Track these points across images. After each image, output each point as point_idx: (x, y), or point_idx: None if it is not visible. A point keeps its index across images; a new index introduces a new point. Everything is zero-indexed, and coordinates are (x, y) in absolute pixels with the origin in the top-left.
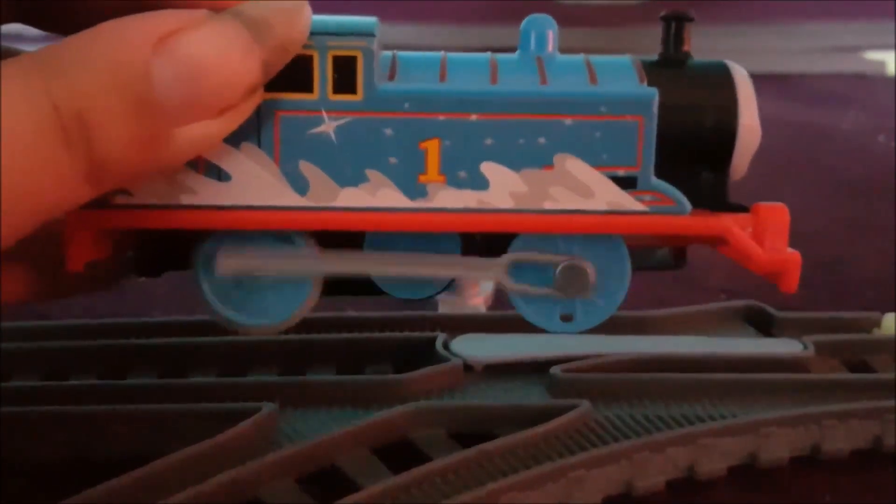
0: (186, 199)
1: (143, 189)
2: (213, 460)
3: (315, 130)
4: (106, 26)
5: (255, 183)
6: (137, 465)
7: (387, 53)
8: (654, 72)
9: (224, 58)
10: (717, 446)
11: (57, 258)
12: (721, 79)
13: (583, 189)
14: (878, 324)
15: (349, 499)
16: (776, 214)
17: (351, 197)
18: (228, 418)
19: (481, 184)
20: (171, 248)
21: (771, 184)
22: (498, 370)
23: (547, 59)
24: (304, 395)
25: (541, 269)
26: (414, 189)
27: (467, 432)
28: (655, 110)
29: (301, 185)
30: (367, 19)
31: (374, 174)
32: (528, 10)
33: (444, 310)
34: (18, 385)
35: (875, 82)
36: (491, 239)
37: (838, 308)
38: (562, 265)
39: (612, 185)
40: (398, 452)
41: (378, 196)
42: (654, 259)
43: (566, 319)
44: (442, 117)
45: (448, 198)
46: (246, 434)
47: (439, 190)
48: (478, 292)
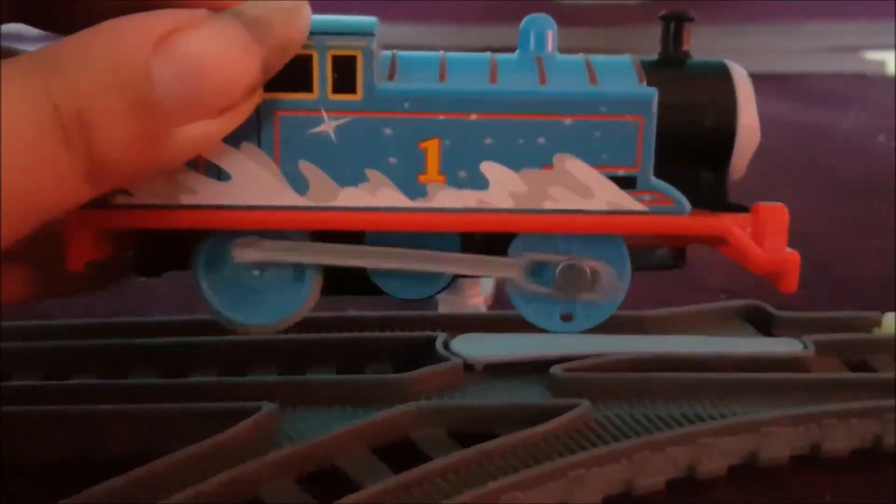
0: (186, 199)
1: (143, 189)
2: (213, 460)
3: (315, 130)
4: (106, 26)
5: (254, 183)
6: (137, 465)
7: (386, 53)
8: (653, 72)
9: (224, 57)
10: (718, 446)
11: (57, 258)
12: (720, 79)
13: (582, 189)
14: (878, 323)
15: (349, 498)
16: (775, 214)
17: (351, 197)
18: (228, 418)
19: (481, 184)
20: (171, 248)
21: (771, 184)
22: (498, 370)
23: (546, 59)
24: (304, 395)
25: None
26: (414, 189)
27: (467, 432)
28: (655, 110)
29: (301, 185)
30: (367, 19)
31: (373, 174)
32: (528, 10)
33: (444, 309)
34: (18, 385)
35: (875, 82)
36: (490, 239)
37: (838, 308)
38: (561, 265)
39: (611, 185)
40: (398, 452)
41: (378, 196)
42: (653, 259)
43: (566, 319)
44: (442, 117)
45: (448, 197)
46: (246, 434)
47: (439, 190)
48: (478, 292)
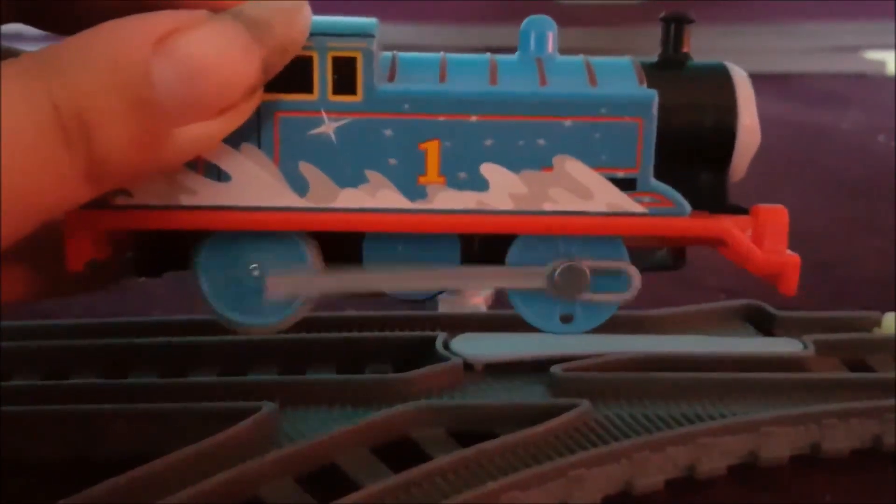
0: (186, 200)
1: (142, 189)
2: (213, 459)
3: (315, 131)
4: (106, 26)
5: (254, 183)
6: (137, 465)
7: (386, 54)
8: (653, 73)
9: (224, 58)
10: (717, 445)
11: (57, 258)
12: (720, 80)
13: (582, 190)
14: (877, 323)
15: (349, 498)
16: (775, 216)
17: (350, 198)
18: (228, 418)
19: (481, 185)
20: (170, 249)
21: (771, 184)
22: (498, 369)
23: (546, 61)
24: (304, 395)
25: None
26: (413, 190)
27: (467, 431)
28: (655, 112)
29: (301, 186)
30: (367, 20)
31: (373, 175)
32: (528, 10)
33: (444, 309)
34: (18, 385)
35: (875, 82)
36: (490, 240)
37: (838, 307)
38: (560, 267)
39: (611, 187)
40: (398, 451)
41: (378, 197)
42: (653, 260)
43: (566, 320)
44: (442, 118)
45: (447, 199)
46: (246, 433)
47: (439, 191)
48: (478, 292)
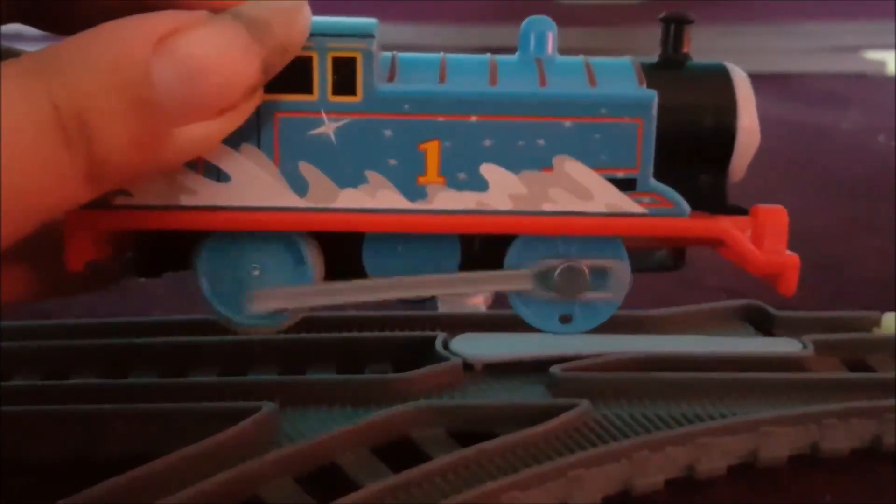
0: (186, 200)
1: (142, 189)
2: (213, 459)
3: (315, 131)
4: (106, 26)
5: (254, 184)
6: (137, 465)
7: (386, 54)
8: (653, 74)
9: (224, 58)
10: (717, 445)
11: (57, 258)
12: (720, 81)
13: (582, 191)
14: (877, 323)
15: (349, 498)
16: (775, 217)
17: (350, 198)
18: (228, 418)
19: (481, 185)
20: (170, 249)
21: (770, 184)
22: (498, 369)
23: (546, 61)
24: (304, 395)
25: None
26: (413, 190)
27: (467, 431)
28: (655, 112)
29: (300, 186)
30: (367, 20)
31: (373, 175)
32: (528, 11)
33: (443, 309)
34: (18, 385)
35: (875, 82)
36: (490, 241)
37: (838, 307)
38: (560, 267)
39: (610, 188)
40: (398, 451)
41: (377, 197)
42: (652, 260)
43: (565, 320)
44: (441, 119)
45: (447, 199)
46: (246, 433)
47: (439, 191)
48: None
